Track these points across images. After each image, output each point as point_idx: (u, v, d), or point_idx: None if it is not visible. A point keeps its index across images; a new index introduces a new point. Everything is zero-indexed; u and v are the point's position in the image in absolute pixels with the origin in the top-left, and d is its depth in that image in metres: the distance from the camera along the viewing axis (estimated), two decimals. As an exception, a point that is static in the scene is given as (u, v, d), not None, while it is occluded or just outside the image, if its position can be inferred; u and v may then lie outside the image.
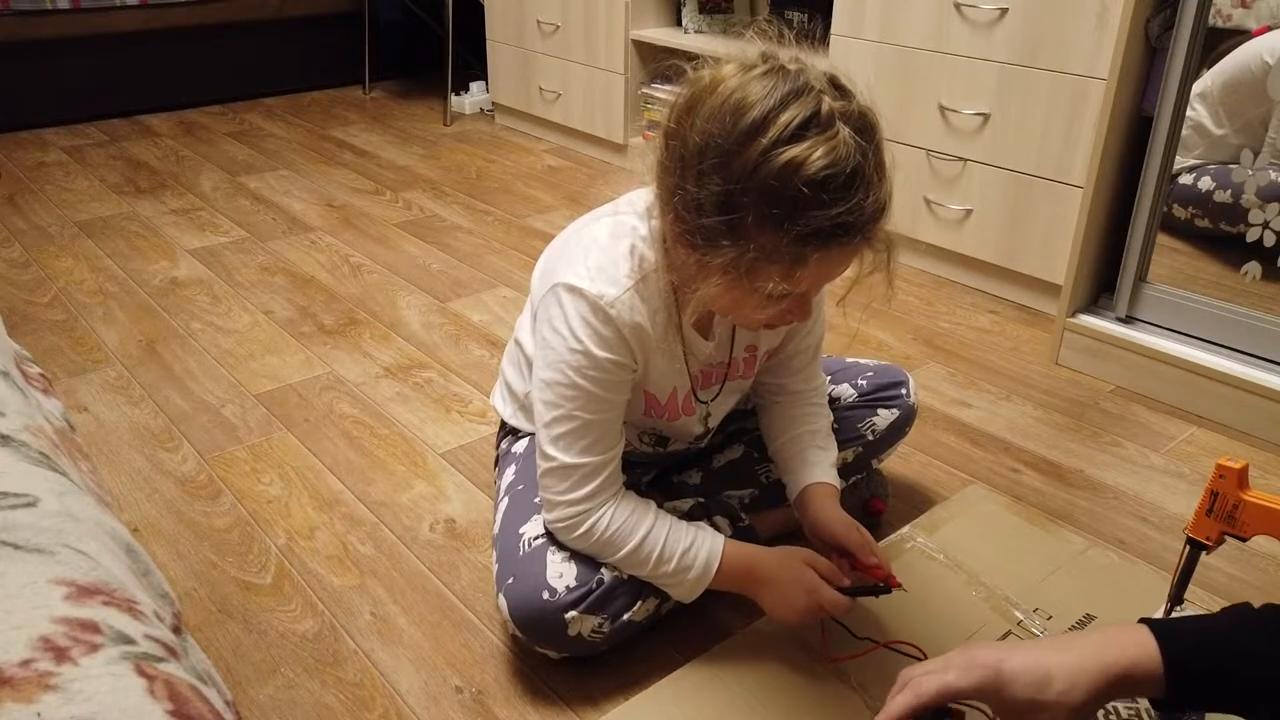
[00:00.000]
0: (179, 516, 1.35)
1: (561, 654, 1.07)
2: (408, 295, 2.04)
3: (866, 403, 1.30)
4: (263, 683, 1.08)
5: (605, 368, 0.99)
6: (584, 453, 1.01)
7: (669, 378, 1.09)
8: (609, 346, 0.99)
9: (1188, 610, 1.12)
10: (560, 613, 1.02)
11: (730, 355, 1.14)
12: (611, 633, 1.06)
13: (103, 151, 2.94)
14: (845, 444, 1.26)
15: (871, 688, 1.06)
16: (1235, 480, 1.01)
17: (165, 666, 0.46)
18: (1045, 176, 1.91)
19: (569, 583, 1.03)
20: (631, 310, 0.98)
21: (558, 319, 0.99)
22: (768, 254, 0.86)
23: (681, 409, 1.13)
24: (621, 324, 0.98)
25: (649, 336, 1.01)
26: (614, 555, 1.04)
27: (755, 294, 0.90)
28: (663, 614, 1.12)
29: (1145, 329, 1.72)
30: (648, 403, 1.11)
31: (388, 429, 1.57)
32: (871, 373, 1.32)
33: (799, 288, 0.90)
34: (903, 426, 1.32)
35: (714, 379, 1.15)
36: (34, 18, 3.00)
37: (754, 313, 0.95)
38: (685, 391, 1.12)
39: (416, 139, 3.15)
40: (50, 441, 0.66)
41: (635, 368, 1.03)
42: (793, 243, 0.84)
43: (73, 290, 2.02)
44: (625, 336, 0.99)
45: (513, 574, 1.06)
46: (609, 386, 1.00)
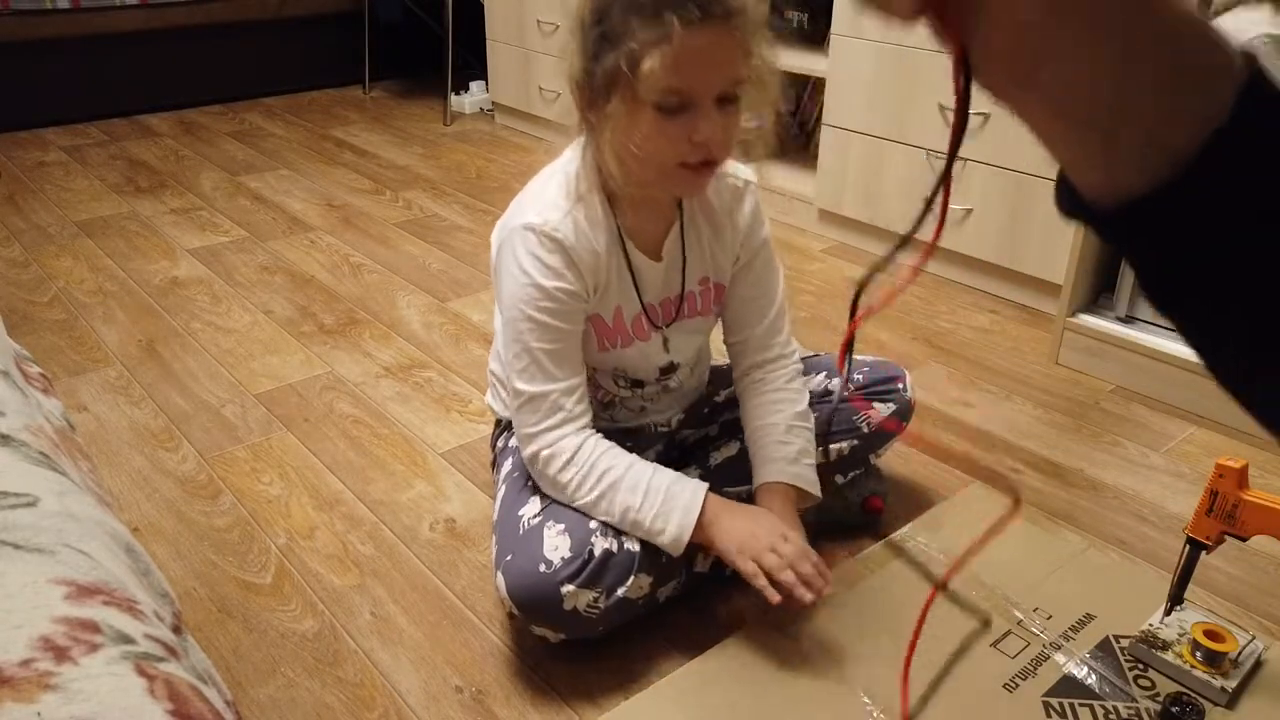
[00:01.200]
0: (179, 516, 1.35)
1: (559, 634, 1.07)
2: (408, 295, 2.04)
3: (863, 396, 1.30)
4: (263, 682, 1.08)
5: (556, 297, 1.06)
6: (547, 380, 1.08)
7: (616, 296, 1.13)
8: (557, 275, 1.06)
9: (1188, 610, 1.13)
10: (557, 586, 1.03)
11: (683, 287, 1.17)
12: (607, 609, 1.06)
13: (103, 151, 2.94)
14: (840, 436, 1.28)
15: (872, 688, 1.06)
16: (1235, 480, 1.01)
17: (165, 666, 0.46)
18: (1045, 176, 1.91)
19: (564, 554, 1.04)
20: (575, 230, 1.06)
21: (509, 262, 1.07)
22: (640, 43, 0.93)
23: (633, 331, 1.15)
24: (567, 245, 1.05)
25: (596, 254, 1.08)
26: (597, 488, 1.07)
27: (653, 117, 0.96)
28: (659, 600, 1.12)
29: (1145, 328, 1.72)
30: (598, 331, 1.13)
31: (388, 429, 1.57)
32: (868, 367, 1.33)
33: (680, 77, 0.93)
34: (899, 420, 1.32)
35: (670, 312, 1.18)
36: (34, 17, 3.00)
37: (665, 146, 0.98)
38: (635, 313, 1.15)
39: (416, 139, 3.15)
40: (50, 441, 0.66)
41: (585, 295, 1.09)
42: (653, 16, 0.92)
43: (73, 290, 2.02)
44: (572, 259, 1.06)
45: (511, 551, 1.07)
46: (561, 316, 1.07)
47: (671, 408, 1.28)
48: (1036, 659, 1.10)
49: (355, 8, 3.59)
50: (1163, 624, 1.11)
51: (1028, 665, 1.10)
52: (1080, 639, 1.13)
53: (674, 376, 1.22)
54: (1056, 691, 1.06)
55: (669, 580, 1.12)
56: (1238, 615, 1.20)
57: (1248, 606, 1.22)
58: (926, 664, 1.09)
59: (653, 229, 1.13)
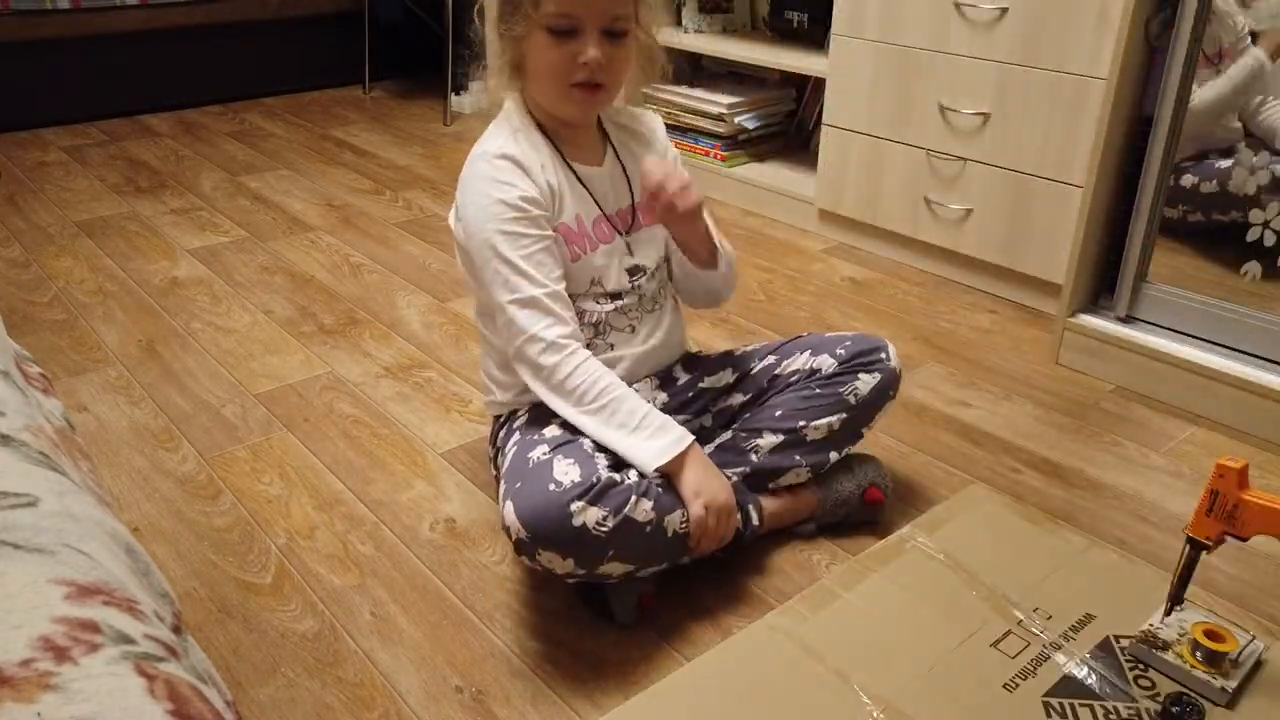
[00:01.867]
0: (179, 516, 1.35)
1: (567, 560, 1.05)
2: (408, 295, 2.04)
3: (847, 369, 1.31)
4: (263, 682, 1.08)
5: (519, 206, 1.16)
6: (532, 284, 1.16)
7: (573, 205, 1.23)
8: (512, 186, 1.16)
9: (1188, 610, 1.13)
10: (566, 504, 1.04)
11: (633, 197, 1.28)
12: (615, 529, 1.06)
13: (103, 151, 2.94)
14: (829, 412, 1.29)
15: (872, 688, 1.06)
16: (1235, 480, 1.01)
17: (165, 666, 0.46)
18: (1045, 176, 1.91)
19: (574, 478, 1.06)
20: (519, 149, 1.19)
21: (469, 195, 1.19)
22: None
23: (596, 235, 1.25)
24: (515, 159, 1.17)
25: (543, 167, 1.19)
26: (600, 399, 1.14)
27: (546, 38, 1.13)
28: (668, 533, 1.12)
29: (1145, 329, 1.72)
30: (568, 238, 1.22)
31: (388, 429, 1.57)
32: (849, 342, 1.33)
33: (566, 3, 1.10)
34: (886, 390, 1.31)
35: (626, 222, 1.28)
36: (34, 18, 3.00)
37: (556, 65, 1.14)
38: (595, 216, 1.25)
39: (416, 139, 3.15)
40: (50, 441, 0.66)
41: (545, 202, 1.18)
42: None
43: (73, 290, 2.02)
44: (521, 167, 1.17)
45: (520, 481, 1.09)
46: (529, 222, 1.17)
47: (650, 333, 1.31)
48: (1036, 659, 1.10)
49: (355, 8, 3.59)
50: (1163, 624, 1.11)
51: (1028, 665, 1.09)
52: (1080, 639, 1.13)
53: (641, 281, 1.28)
54: (1057, 692, 1.06)
55: (671, 510, 1.13)
56: (1238, 615, 1.20)
57: (1248, 606, 1.22)
58: (926, 664, 1.09)
59: (588, 146, 1.26)
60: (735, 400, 1.35)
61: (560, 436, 1.16)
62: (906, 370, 1.77)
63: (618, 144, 1.29)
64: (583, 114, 1.22)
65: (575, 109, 1.20)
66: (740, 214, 2.50)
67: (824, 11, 2.33)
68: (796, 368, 1.32)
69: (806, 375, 1.31)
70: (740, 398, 1.35)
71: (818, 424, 1.28)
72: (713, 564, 1.25)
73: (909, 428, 1.60)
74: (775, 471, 1.28)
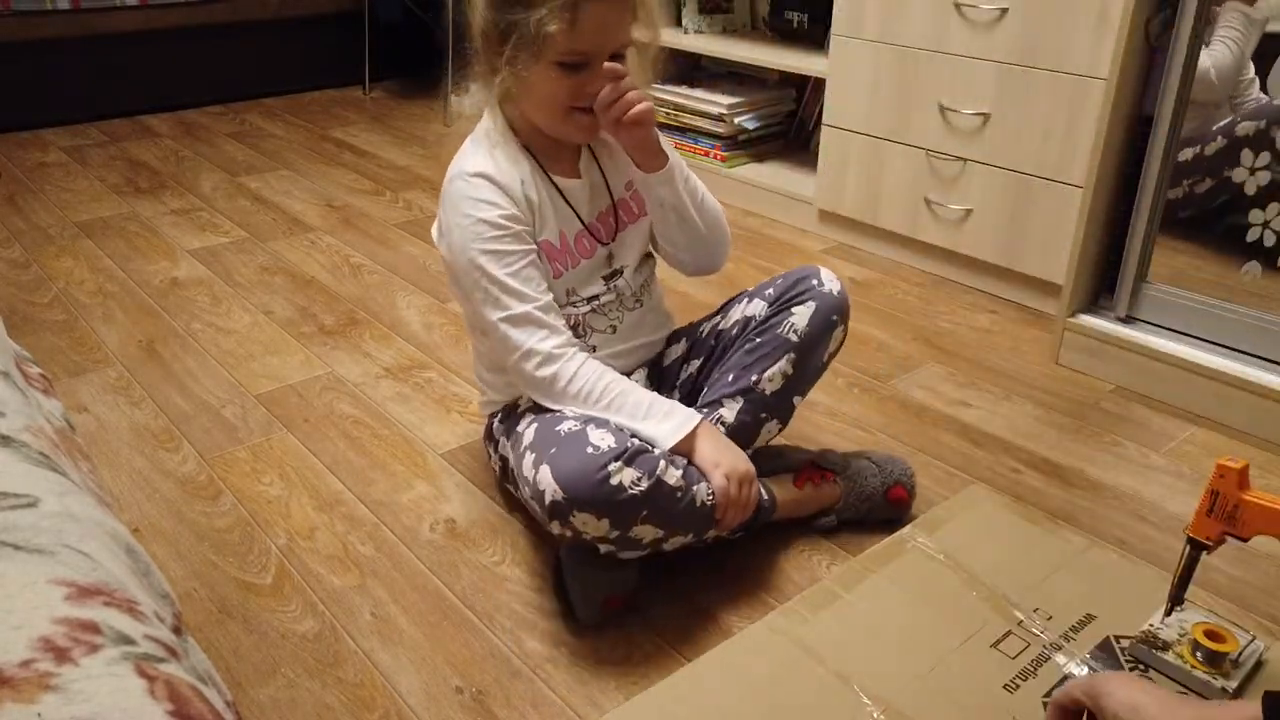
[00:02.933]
0: (179, 517, 1.35)
1: (602, 520, 1.05)
2: (408, 295, 2.04)
3: (781, 307, 1.27)
4: (263, 683, 1.08)
5: (500, 224, 1.16)
6: (520, 300, 1.16)
7: (556, 221, 1.22)
8: (492, 204, 1.16)
9: (1188, 610, 1.13)
10: (604, 464, 1.05)
11: (612, 197, 1.28)
12: (649, 490, 1.06)
13: (103, 152, 2.94)
14: (775, 357, 1.25)
15: (872, 688, 1.06)
16: (1235, 480, 1.01)
17: (166, 667, 0.46)
18: (1045, 176, 1.91)
19: (610, 444, 1.07)
20: (496, 167, 1.18)
21: (450, 216, 1.18)
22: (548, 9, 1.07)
23: (577, 251, 1.25)
24: (492, 179, 1.17)
25: (521, 183, 1.18)
26: (605, 397, 1.15)
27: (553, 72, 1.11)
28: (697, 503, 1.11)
29: (1145, 329, 1.72)
30: (550, 256, 1.21)
31: (388, 429, 1.57)
32: (780, 280, 1.30)
33: (581, 41, 1.09)
34: (827, 316, 1.26)
35: (610, 224, 1.28)
36: (34, 18, 3.00)
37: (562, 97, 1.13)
38: (576, 230, 1.24)
39: (417, 139, 3.15)
40: (50, 442, 0.66)
41: (524, 219, 1.18)
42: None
43: (73, 290, 2.02)
44: (500, 185, 1.17)
45: (554, 447, 1.09)
46: (511, 239, 1.16)
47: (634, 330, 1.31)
48: (1037, 659, 1.10)
49: (355, 8, 3.59)
50: (1163, 624, 1.11)
51: (1028, 666, 1.09)
52: (1081, 639, 1.13)
53: (621, 278, 1.29)
54: (1057, 692, 1.06)
55: (699, 481, 1.13)
56: (1238, 616, 1.20)
57: (1248, 607, 1.22)
58: (927, 664, 1.09)
59: (564, 157, 1.25)
60: (692, 368, 1.35)
61: (584, 414, 1.16)
62: (906, 371, 1.78)
63: (594, 142, 1.28)
64: (588, 137, 1.22)
65: (580, 133, 1.20)
66: (740, 214, 2.50)
67: (824, 11, 2.33)
68: (735, 319, 1.31)
69: (744, 325, 1.29)
70: (695, 363, 1.34)
71: (770, 374, 1.25)
72: (713, 561, 1.25)
73: (909, 428, 1.60)
74: (748, 437, 1.26)
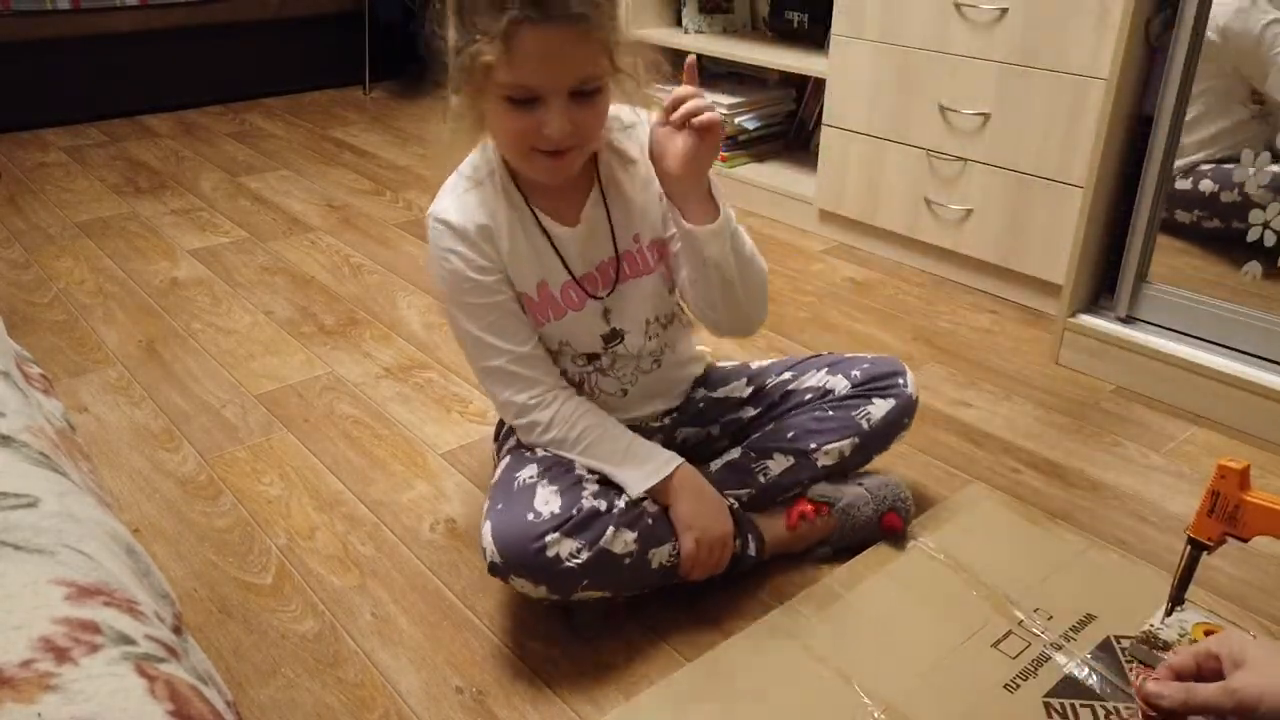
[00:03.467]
0: (179, 517, 1.35)
1: (539, 587, 1.05)
2: (408, 295, 2.04)
3: (861, 392, 1.27)
4: (263, 683, 1.08)
5: (466, 276, 1.10)
6: (494, 355, 1.12)
7: (535, 270, 1.13)
8: (458, 255, 1.09)
9: (1189, 611, 1.13)
10: (541, 534, 1.04)
11: (616, 249, 1.16)
12: (590, 561, 1.05)
13: (103, 152, 2.94)
14: (841, 436, 1.25)
15: (873, 688, 1.06)
16: (1236, 480, 1.01)
17: (166, 667, 0.46)
18: (1045, 176, 1.91)
19: (554, 509, 1.05)
20: (463, 210, 1.09)
21: (430, 257, 1.12)
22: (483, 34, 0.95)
23: (563, 302, 1.15)
24: (455, 225, 1.09)
25: (492, 230, 1.10)
26: (577, 446, 1.13)
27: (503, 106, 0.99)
28: (651, 564, 1.10)
29: (1145, 329, 1.72)
30: (528, 308, 1.14)
31: (388, 429, 1.57)
32: (868, 364, 1.30)
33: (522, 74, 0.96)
34: (900, 418, 1.28)
35: (608, 277, 1.17)
36: (34, 18, 3.00)
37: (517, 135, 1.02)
38: (564, 283, 1.15)
39: (416, 139, 3.15)
40: (51, 442, 0.66)
41: (495, 267, 1.11)
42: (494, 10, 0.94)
43: (73, 291, 2.02)
44: (466, 234, 1.09)
45: (501, 503, 1.08)
46: (479, 292, 1.11)
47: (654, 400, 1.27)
48: (1037, 659, 1.10)
49: (355, 8, 3.58)
50: (1164, 624, 1.11)
51: (1028, 666, 1.09)
52: (1081, 639, 1.13)
53: (621, 344, 1.20)
54: (1057, 692, 1.06)
55: (660, 544, 1.11)
56: (1239, 616, 1.20)
57: (1249, 607, 1.22)
58: (927, 664, 1.09)
59: (566, 197, 1.13)
60: (746, 414, 1.31)
61: (552, 456, 1.15)
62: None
63: (605, 179, 1.15)
64: (552, 179, 1.09)
65: (544, 174, 1.07)
66: (740, 214, 2.49)
67: (824, 11, 2.33)
68: (811, 385, 1.29)
69: (820, 395, 1.28)
70: (751, 411, 1.31)
71: (829, 448, 1.24)
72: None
73: (912, 425, 1.60)
74: (781, 491, 1.25)
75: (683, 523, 1.13)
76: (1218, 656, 0.84)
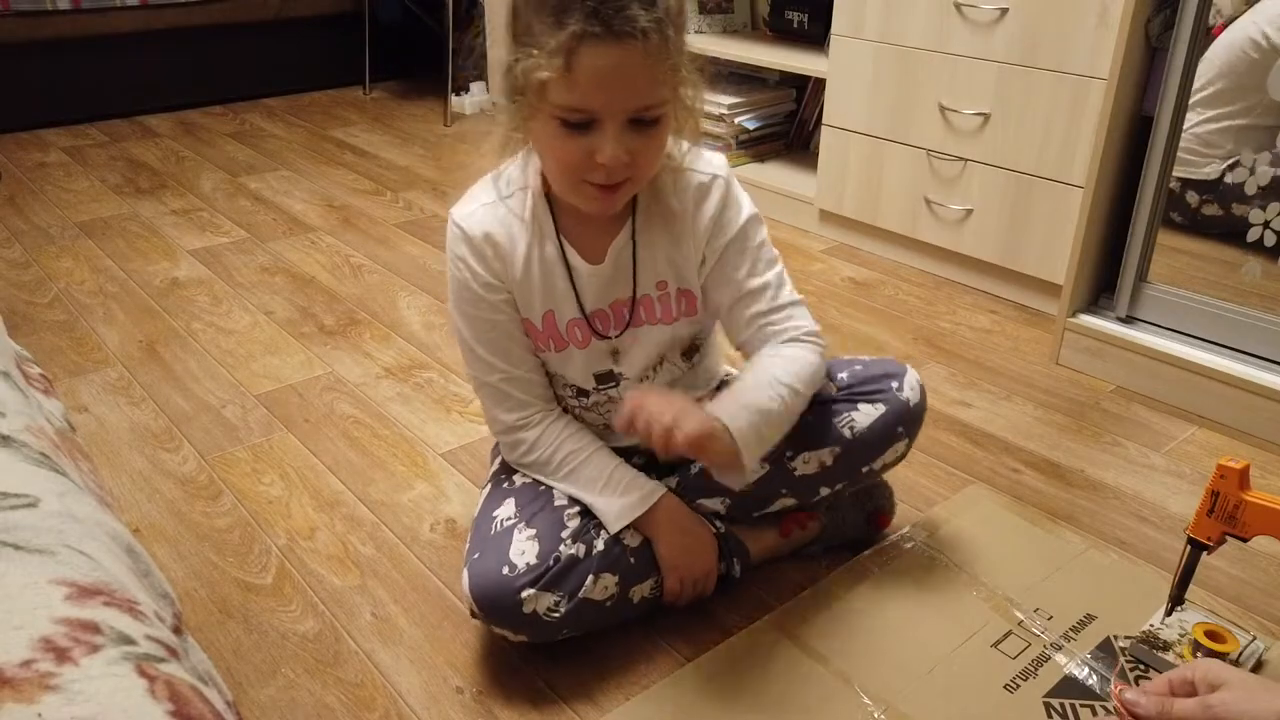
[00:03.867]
0: (180, 517, 1.35)
1: (519, 635, 1.06)
2: (408, 295, 2.04)
3: (846, 396, 1.15)
4: (263, 683, 1.08)
5: (470, 287, 1.07)
6: (488, 370, 1.10)
7: (545, 300, 1.08)
8: (466, 266, 1.07)
9: (1189, 611, 1.13)
10: (516, 591, 1.03)
11: (635, 291, 1.09)
12: (569, 612, 1.05)
13: (103, 152, 2.94)
14: (820, 444, 1.14)
15: (872, 688, 1.06)
16: (1236, 480, 1.01)
17: (166, 667, 0.46)
18: (1045, 176, 1.91)
19: (530, 560, 1.04)
20: (485, 224, 1.06)
21: (447, 254, 1.09)
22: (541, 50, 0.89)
23: (567, 337, 1.10)
24: (473, 237, 1.06)
25: (510, 253, 1.06)
26: (559, 472, 1.12)
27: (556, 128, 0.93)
28: (633, 600, 1.11)
29: (1145, 329, 1.72)
30: (530, 333, 1.11)
31: (388, 429, 1.57)
32: (860, 365, 1.18)
33: (579, 95, 0.90)
34: (891, 425, 1.14)
35: (621, 319, 1.11)
36: (34, 18, 3.00)
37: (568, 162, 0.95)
38: (570, 319, 1.09)
39: (417, 139, 3.15)
40: (51, 442, 0.66)
41: (503, 286, 1.08)
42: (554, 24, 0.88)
43: (73, 291, 2.02)
44: (479, 251, 1.06)
45: (479, 550, 1.08)
46: (482, 306, 1.08)
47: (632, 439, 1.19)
48: (1037, 660, 1.10)
49: (355, 8, 3.59)
50: (1164, 624, 1.11)
51: (1028, 666, 1.10)
52: (1081, 639, 1.13)
53: (615, 388, 1.14)
54: (1057, 692, 1.06)
55: (641, 580, 1.11)
56: (1239, 616, 1.20)
57: (1249, 607, 1.22)
58: (927, 664, 1.09)
59: (596, 231, 1.07)
60: None
61: (531, 489, 1.13)
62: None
63: (641, 222, 1.08)
64: (600, 211, 1.02)
65: (592, 206, 1.00)
66: (740, 214, 2.50)
67: (824, 11, 2.33)
68: None
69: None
70: None
71: (806, 457, 1.14)
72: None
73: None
74: (760, 502, 1.18)
75: (667, 563, 1.12)
76: (1192, 683, 0.87)
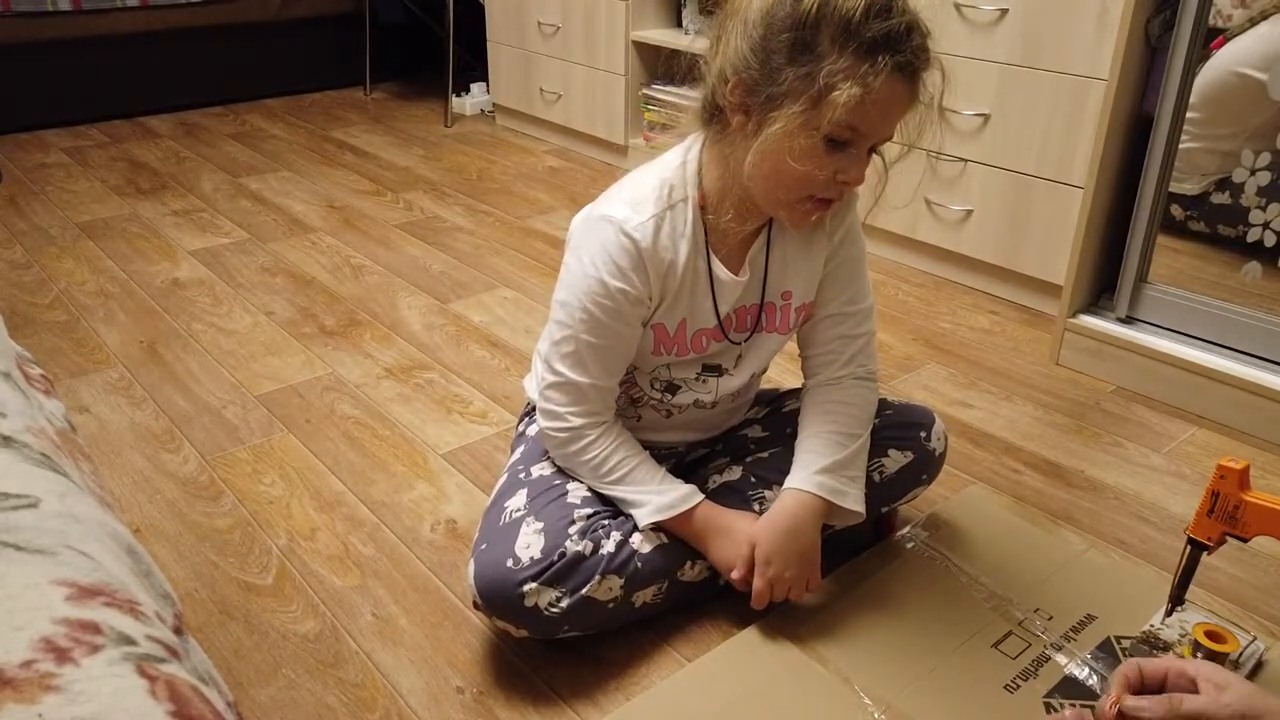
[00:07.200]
0: (180, 517, 1.35)
1: (521, 629, 1.06)
2: (409, 296, 2.05)
3: (877, 440, 1.20)
4: (264, 683, 1.08)
5: (615, 298, 1.04)
6: (584, 374, 1.08)
7: (685, 309, 1.10)
8: (622, 275, 1.04)
9: (1189, 611, 1.13)
10: (519, 584, 1.03)
11: (763, 298, 1.14)
12: (570, 608, 1.05)
13: (104, 153, 2.94)
14: None
15: (873, 688, 1.06)
16: (1236, 481, 1.01)
17: (167, 667, 0.46)
18: (1045, 176, 1.91)
19: (534, 554, 1.04)
20: (654, 237, 1.04)
21: (582, 247, 1.06)
22: (843, 72, 0.91)
23: (692, 345, 1.13)
24: (643, 249, 1.04)
25: (671, 266, 1.06)
26: (609, 477, 1.11)
27: (815, 145, 0.95)
28: (635, 605, 1.10)
29: (1146, 329, 1.72)
30: (658, 337, 1.12)
31: (389, 430, 1.57)
32: (890, 410, 1.24)
33: (864, 118, 0.94)
34: (917, 474, 1.23)
35: (745, 323, 1.15)
36: (35, 19, 3.00)
37: (812, 175, 0.97)
38: (699, 328, 1.12)
39: (417, 140, 3.16)
40: (51, 442, 0.66)
41: (649, 300, 1.07)
42: (867, 52, 0.91)
43: (74, 291, 2.03)
44: (644, 262, 1.04)
45: (486, 541, 1.08)
46: (617, 317, 1.06)
47: (689, 432, 1.25)
48: (1037, 660, 1.10)
49: (355, 9, 3.59)
50: (1164, 625, 1.11)
51: (1029, 666, 1.10)
52: (1081, 640, 1.14)
53: (718, 377, 1.17)
54: (1058, 692, 1.06)
55: (645, 585, 1.10)
56: (1239, 616, 1.20)
57: (1249, 607, 1.22)
58: (927, 664, 1.09)
59: (739, 243, 1.10)
60: (754, 433, 1.28)
61: (545, 481, 1.14)
62: (906, 372, 1.78)
63: (775, 231, 1.12)
64: (804, 226, 1.08)
65: (803, 221, 1.05)
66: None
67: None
68: None
69: None
70: (760, 432, 1.27)
71: None
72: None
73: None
74: None
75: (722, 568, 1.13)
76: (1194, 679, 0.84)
